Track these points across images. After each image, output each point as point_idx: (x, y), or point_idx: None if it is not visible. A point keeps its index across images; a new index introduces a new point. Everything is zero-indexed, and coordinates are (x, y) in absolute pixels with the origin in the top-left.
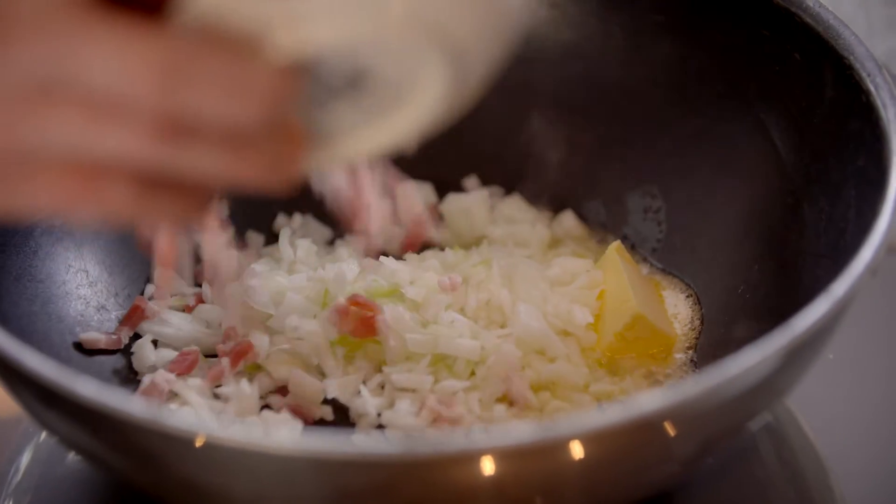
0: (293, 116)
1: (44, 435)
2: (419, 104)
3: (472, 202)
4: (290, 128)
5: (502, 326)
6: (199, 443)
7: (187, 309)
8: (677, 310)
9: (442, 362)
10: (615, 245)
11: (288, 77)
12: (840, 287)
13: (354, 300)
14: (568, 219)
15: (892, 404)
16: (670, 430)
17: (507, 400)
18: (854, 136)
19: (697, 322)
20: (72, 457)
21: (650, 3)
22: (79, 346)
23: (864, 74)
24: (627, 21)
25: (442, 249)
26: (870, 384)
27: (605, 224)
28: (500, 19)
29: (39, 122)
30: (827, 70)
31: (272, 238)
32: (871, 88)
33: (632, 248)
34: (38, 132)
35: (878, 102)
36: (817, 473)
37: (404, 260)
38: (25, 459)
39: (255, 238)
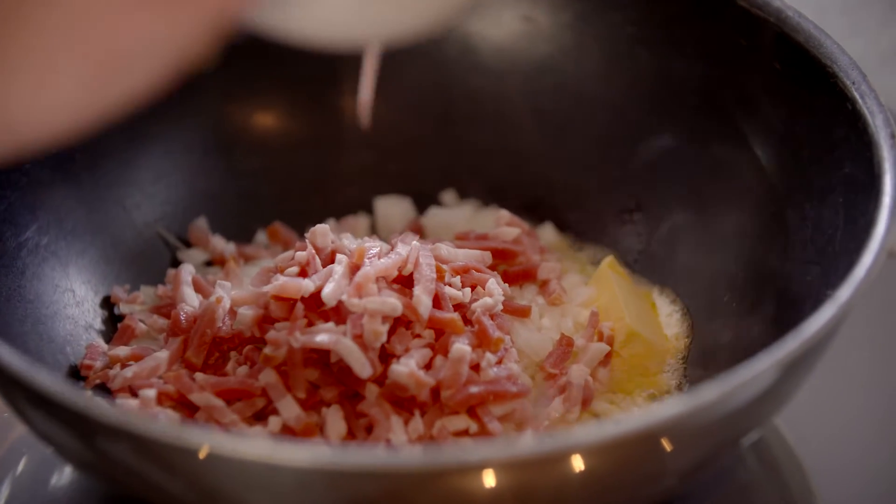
0: None
1: (22, 464)
2: None
3: (454, 217)
4: None
5: None
6: (203, 454)
7: (160, 312)
8: (667, 320)
9: None
10: (608, 260)
11: None
12: (845, 291)
13: None
14: (547, 231)
15: (875, 416)
16: (672, 443)
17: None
18: (839, 144)
19: (687, 331)
20: (54, 481)
21: (624, 15)
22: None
23: (848, 83)
24: (602, 34)
25: None
26: (853, 396)
27: (585, 235)
28: None
29: None
30: (809, 79)
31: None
32: (857, 96)
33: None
34: None
35: (865, 110)
36: (801, 485)
37: None
38: (6, 489)
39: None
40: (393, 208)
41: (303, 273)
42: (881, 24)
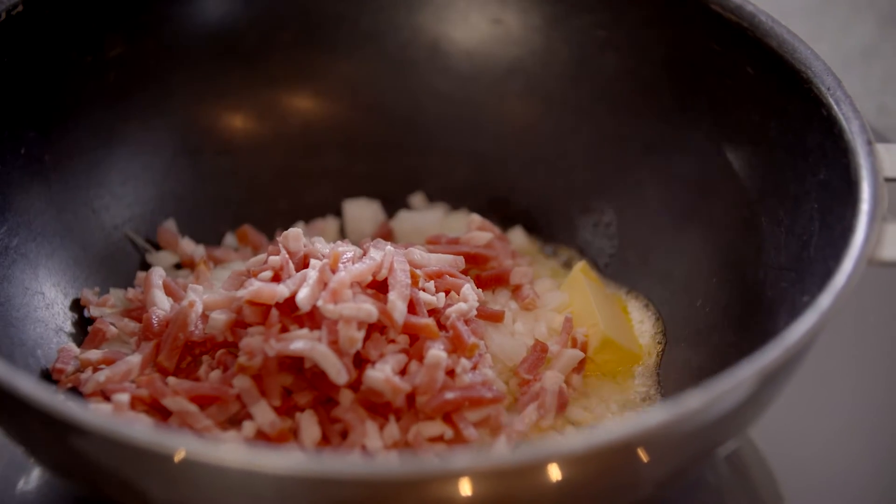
0: None
1: None
2: None
3: (424, 220)
4: None
5: None
6: (178, 458)
7: (131, 315)
8: (639, 326)
9: None
10: (581, 265)
11: None
12: (826, 299)
13: None
14: (517, 235)
15: (844, 423)
16: (651, 452)
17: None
18: (814, 150)
19: (660, 337)
20: (21, 485)
21: (594, 18)
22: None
23: (823, 88)
24: (571, 37)
25: None
26: (823, 403)
27: (555, 239)
28: None
29: None
30: (782, 84)
31: None
32: (832, 102)
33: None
34: None
35: (840, 116)
36: (771, 491)
37: None
38: None
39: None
40: (362, 211)
41: (276, 278)
42: (843, 29)
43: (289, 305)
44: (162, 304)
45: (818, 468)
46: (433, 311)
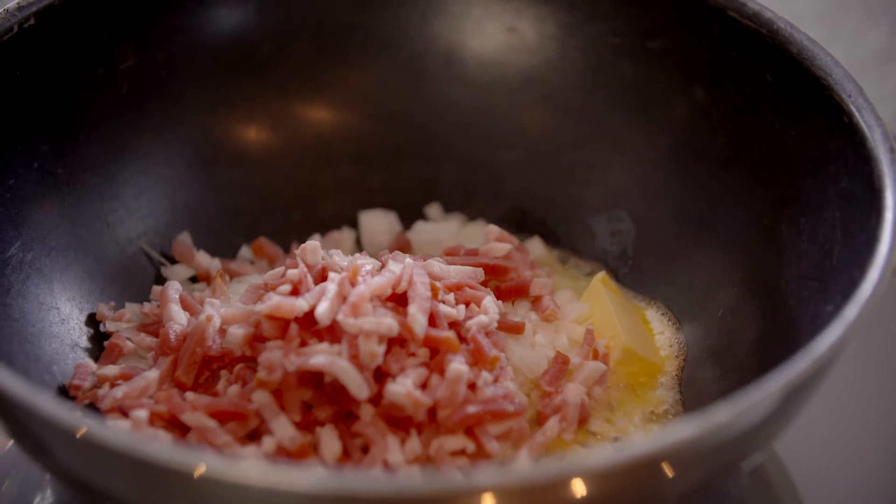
0: None
1: (5, 486)
2: None
3: (441, 231)
4: None
5: None
6: (198, 474)
7: (147, 330)
8: (660, 336)
9: None
10: (600, 276)
11: None
12: (853, 309)
13: None
14: (535, 245)
15: (862, 430)
16: (678, 467)
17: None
18: (835, 158)
19: (681, 348)
20: (37, 502)
21: (609, 26)
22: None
23: (844, 96)
24: (587, 45)
25: None
26: (842, 411)
27: (573, 249)
28: None
29: None
30: (802, 92)
31: None
32: (854, 110)
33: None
34: None
35: (863, 124)
36: (791, 498)
37: None
38: None
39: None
40: (378, 222)
41: (295, 291)
42: (859, 32)
43: (308, 319)
44: (179, 319)
45: (842, 481)
46: (453, 324)
